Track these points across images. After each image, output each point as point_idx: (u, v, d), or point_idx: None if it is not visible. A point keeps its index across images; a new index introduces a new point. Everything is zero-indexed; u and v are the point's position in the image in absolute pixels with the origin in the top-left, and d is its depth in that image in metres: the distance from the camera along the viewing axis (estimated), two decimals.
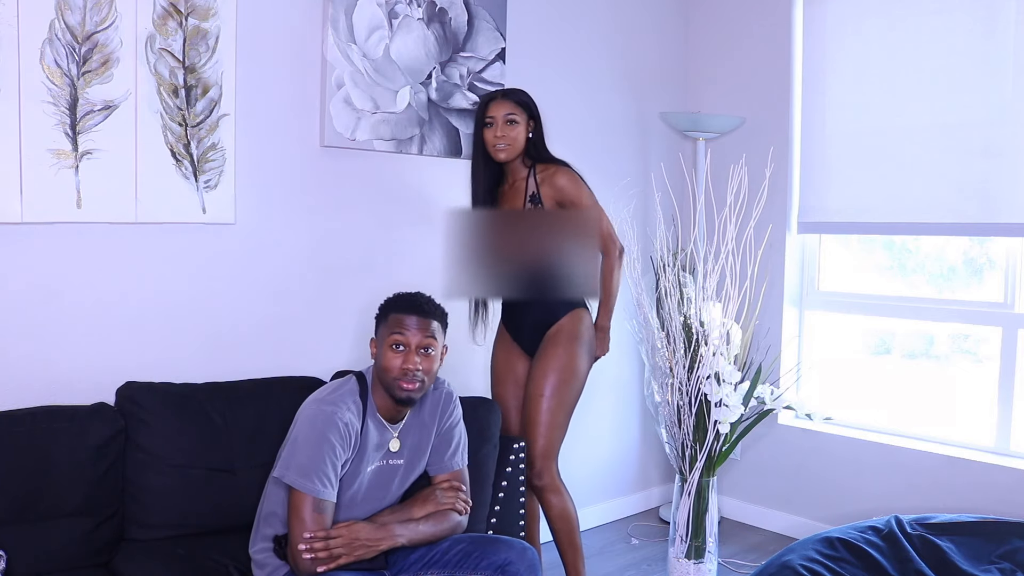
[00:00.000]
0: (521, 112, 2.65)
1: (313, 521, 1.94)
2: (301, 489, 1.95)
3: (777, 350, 3.52)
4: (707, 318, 2.65)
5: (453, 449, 2.22)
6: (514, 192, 2.70)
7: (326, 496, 1.96)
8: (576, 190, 2.64)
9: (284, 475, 1.98)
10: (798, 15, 3.62)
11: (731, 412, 2.60)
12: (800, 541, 2.50)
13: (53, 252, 2.28)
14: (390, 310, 2.12)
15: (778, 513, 3.69)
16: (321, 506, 1.95)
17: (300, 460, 1.97)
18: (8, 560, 1.96)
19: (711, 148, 3.66)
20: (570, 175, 2.66)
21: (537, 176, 2.66)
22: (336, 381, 2.16)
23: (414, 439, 2.18)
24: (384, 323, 2.11)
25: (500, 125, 2.63)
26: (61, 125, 2.22)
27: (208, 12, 2.45)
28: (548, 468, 2.63)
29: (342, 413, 2.02)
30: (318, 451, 1.97)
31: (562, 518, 2.66)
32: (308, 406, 2.07)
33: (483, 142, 2.67)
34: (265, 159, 2.65)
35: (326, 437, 1.98)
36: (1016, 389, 3.14)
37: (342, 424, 2.01)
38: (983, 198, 3.14)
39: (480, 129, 2.67)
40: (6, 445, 2.03)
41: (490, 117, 2.64)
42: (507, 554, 2.06)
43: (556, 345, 2.64)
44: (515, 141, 2.64)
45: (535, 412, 2.62)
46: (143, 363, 2.42)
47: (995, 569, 2.38)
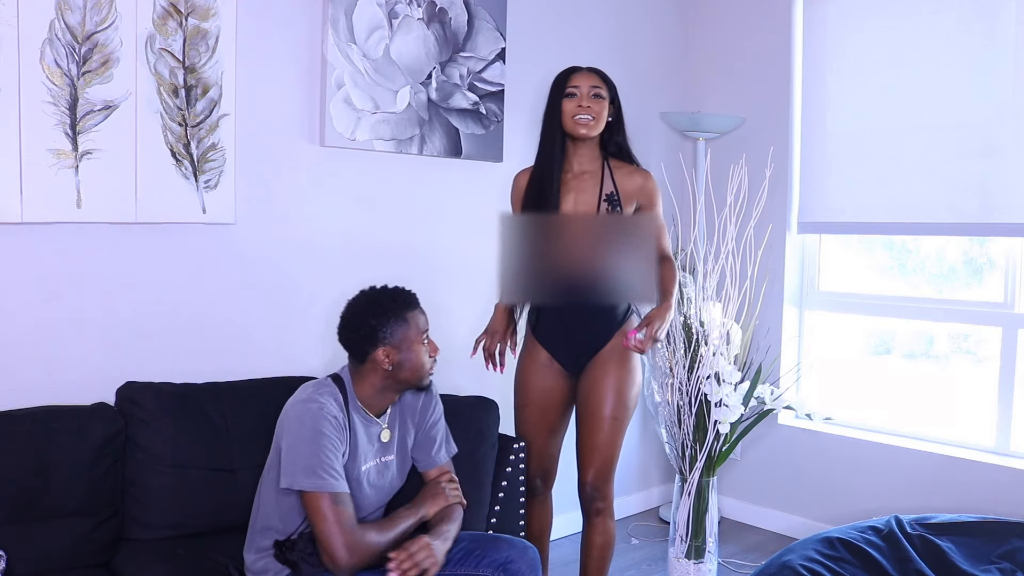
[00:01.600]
0: (606, 89, 2.42)
1: (337, 515, 1.92)
2: (314, 489, 1.92)
3: (777, 350, 3.52)
4: (707, 318, 2.65)
5: (439, 443, 2.24)
6: (581, 185, 2.44)
7: (340, 488, 1.95)
8: (658, 198, 2.47)
9: (293, 483, 1.94)
10: (798, 15, 3.62)
11: (731, 412, 2.60)
12: (800, 541, 2.50)
13: (53, 252, 2.28)
14: (405, 309, 2.08)
15: (778, 513, 3.69)
16: (339, 499, 1.94)
17: (302, 462, 1.94)
18: (8, 560, 1.96)
19: (711, 148, 3.66)
20: (654, 181, 2.48)
21: (614, 173, 2.44)
22: (309, 383, 2.11)
23: (401, 431, 2.19)
24: (402, 322, 2.07)
25: (585, 96, 2.38)
26: (61, 125, 2.22)
27: (208, 12, 2.45)
28: (610, 491, 2.49)
29: (328, 407, 2.00)
30: (317, 447, 1.95)
31: (608, 545, 2.53)
32: (291, 409, 2.03)
33: (559, 115, 2.40)
34: (265, 159, 2.65)
35: (320, 432, 1.96)
36: (1016, 389, 3.14)
37: (331, 417, 1.99)
38: (983, 198, 3.13)
39: (557, 101, 2.41)
40: (6, 445, 2.03)
41: (574, 86, 2.39)
42: (508, 552, 2.07)
43: (613, 361, 2.43)
44: (600, 116, 2.39)
45: (598, 434, 2.43)
46: (143, 363, 2.42)
47: (995, 569, 2.38)
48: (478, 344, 2.53)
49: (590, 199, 2.42)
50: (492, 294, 3.30)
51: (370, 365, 2.06)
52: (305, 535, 2.01)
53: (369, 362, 2.06)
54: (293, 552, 2.00)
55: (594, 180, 2.43)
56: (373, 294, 2.12)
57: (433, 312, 3.07)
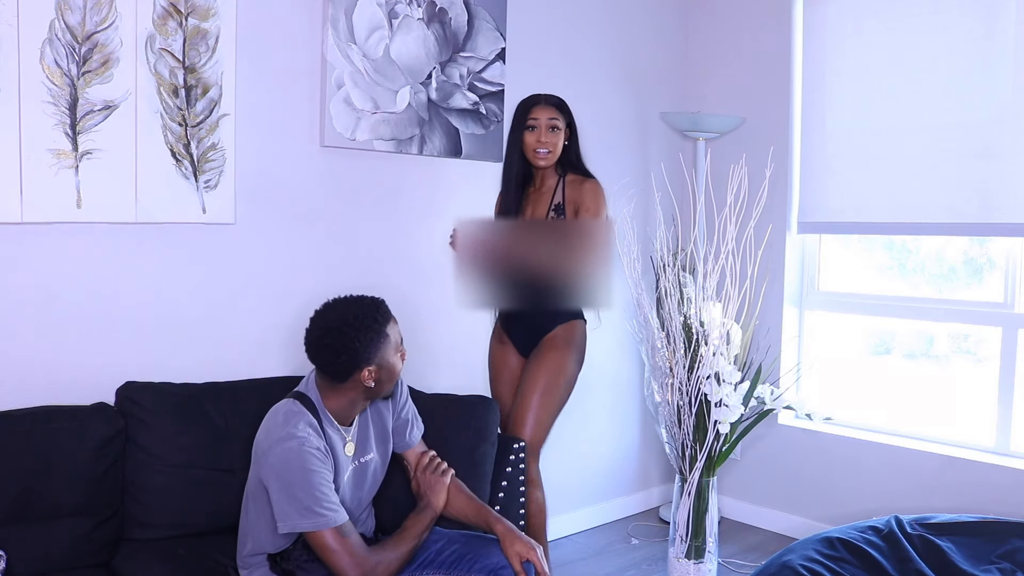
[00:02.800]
0: (562, 119, 2.66)
1: (344, 546, 1.89)
2: (316, 529, 1.88)
3: (777, 350, 3.52)
4: (707, 318, 2.64)
5: (411, 423, 2.26)
6: (540, 198, 2.72)
7: (341, 519, 1.91)
8: (595, 202, 2.65)
9: (293, 527, 1.90)
10: (798, 15, 3.62)
11: (731, 412, 2.60)
12: (800, 541, 2.50)
13: (53, 252, 2.28)
14: (384, 324, 2.03)
15: (778, 513, 3.69)
16: (343, 529, 1.91)
17: (298, 505, 1.89)
18: (8, 560, 1.95)
19: (711, 148, 3.66)
20: (596, 188, 2.68)
21: (566, 186, 2.69)
22: (278, 411, 2.02)
23: (376, 429, 2.18)
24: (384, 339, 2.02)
25: (544, 130, 2.63)
26: (61, 125, 2.22)
27: (208, 12, 2.45)
28: (532, 463, 2.69)
29: (308, 440, 1.93)
30: (309, 486, 1.89)
31: (540, 512, 2.74)
32: (270, 451, 1.93)
33: (521, 144, 2.67)
34: (265, 159, 2.65)
35: (308, 470, 1.90)
36: (1016, 389, 3.14)
37: (314, 449, 1.93)
38: (983, 198, 3.13)
39: (519, 132, 2.66)
40: (6, 445, 2.03)
41: (534, 119, 2.64)
42: (500, 557, 2.05)
43: (551, 349, 2.70)
44: (556, 147, 2.65)
45: (524, 409, 2.67)
46: (143, 363, 2.42)
47: (995, 569, 2.38)
48: None
49: (542, 211, 2.70)
50: None
51: (350, 384, 2.01)
52: (299, 543, 1.99)
53: (350, 382, 2.01)
54: (288, 562, 1.99)
55: (549, 194, 2.71)
56: (346, 310, 2.02)
57: (432, 312, 3.08)
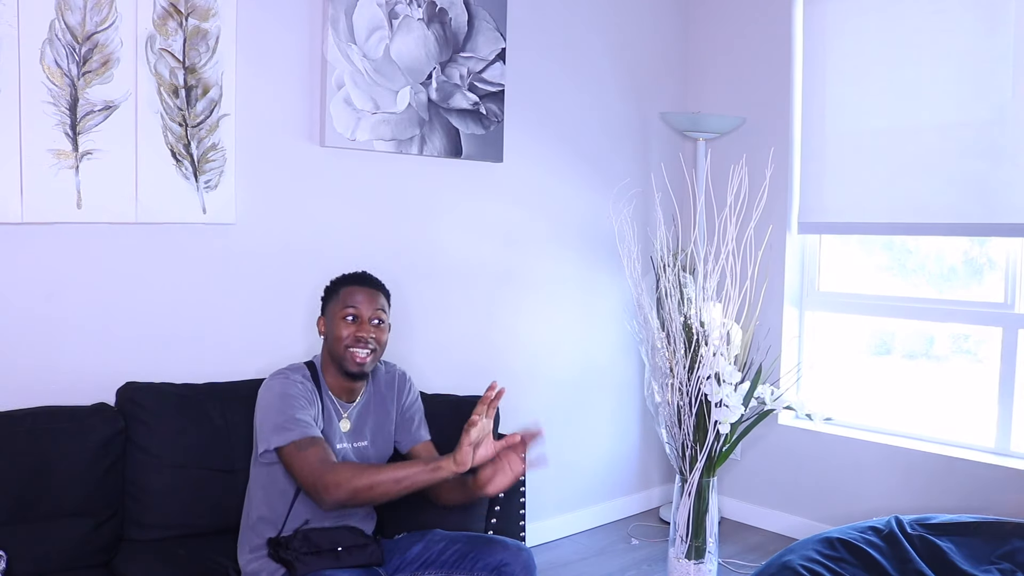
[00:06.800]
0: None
1: (317, 456, 1.95)
2: (287, 442, 1.98)
3: (777, 350, 3.52)
4: (707, 318, 2.64)
5: (418, 423, 2.31)
6: None
7: (311, 432, 2.00)
8: None
9: (268, 445, 2.01)
10: (798, 15, 3.62)
11: (731, 412, 2.59)
12: (800, 541, 2.50)
13: (53, 252, 2.28)
14: (341, 285, 2.21)
15: (778, 513, 3.69)
16: (314, 441, 1.98)
17: (271, 424, 2.02)
18: (8, 560, 1.95)
19: (711, 148, 3.66)
20: None
21: None
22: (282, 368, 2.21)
23: (376, 420, 2.23)
24: (335, 298, 2.19)
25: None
26: (61, 125, 2.22)
27: (208, 12, 2.45)
28: None
29: (293, 377, 2.10)
30: (283, 406, 2.03)
31: None
32: (262, 387, 2.13)
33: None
34: (265, 159, 2.65)
35: (285, 393, 2.06)
36: (1016, 389, 3.14)
37: (298, 384, 2.08)
38: (983, 198, 3.13)
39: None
40: (6, 445, 2.03)
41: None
42: (502, 555, 2.07)
43: None
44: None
45: None
46: (143, 363, 2.42)
47: (995, 569, 2.38)
48: None
49: None
50: (492, 294, 3.30)
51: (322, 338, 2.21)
52: (300, 534, 2.02)
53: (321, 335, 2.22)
54: (288, 551, 2.00)
55: None
56: None
57: (432, 312, 3.08)
